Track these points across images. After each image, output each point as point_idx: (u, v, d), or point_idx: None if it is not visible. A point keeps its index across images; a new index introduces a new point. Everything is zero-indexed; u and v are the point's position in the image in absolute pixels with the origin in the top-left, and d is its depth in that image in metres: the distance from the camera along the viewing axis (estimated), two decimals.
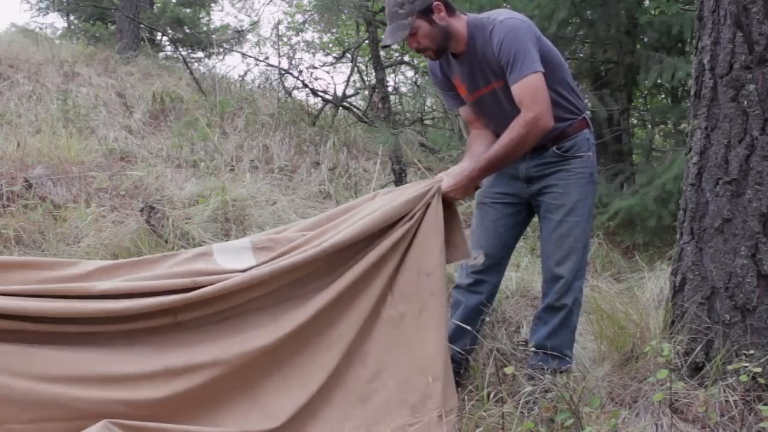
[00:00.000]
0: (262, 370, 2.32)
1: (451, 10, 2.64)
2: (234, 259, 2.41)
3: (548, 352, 2.66)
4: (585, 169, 2.73)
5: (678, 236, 2.69)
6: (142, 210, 4.10)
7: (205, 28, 12.09)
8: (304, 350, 2.37)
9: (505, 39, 2.55)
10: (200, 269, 2.35)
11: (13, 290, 2.13)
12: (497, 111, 2.73)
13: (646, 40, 5.78)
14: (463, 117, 2.93)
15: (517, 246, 3.04)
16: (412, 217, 2.50)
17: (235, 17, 20.04)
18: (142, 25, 9.74)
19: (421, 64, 9.24)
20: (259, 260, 2.40)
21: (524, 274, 3.88)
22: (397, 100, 9.05)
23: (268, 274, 2.33)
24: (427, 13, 2.57)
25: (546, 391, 2.41)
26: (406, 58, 9.28)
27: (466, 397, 2.34)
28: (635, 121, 6.80)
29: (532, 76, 2.53)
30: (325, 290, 2.41)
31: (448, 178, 2.62)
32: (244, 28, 11.29)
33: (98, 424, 2.02)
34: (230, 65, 28.43)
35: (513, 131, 2.56)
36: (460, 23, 2.65)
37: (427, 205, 2.53)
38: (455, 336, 2.73)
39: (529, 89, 2.54)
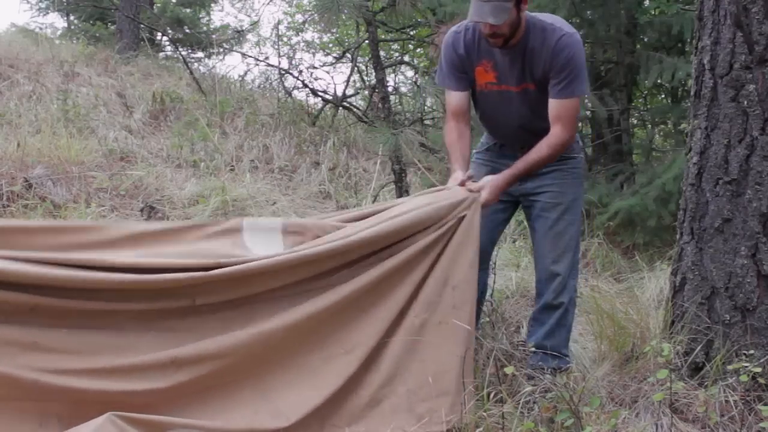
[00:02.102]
0: (275, 365, 2.31)
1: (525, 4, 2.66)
2: (262, 242, 2.39)
3: (548, 351, 2.67)
4: (578, 169, 2.81)
5: (678, 236, 2.69)
6: (142, 210, 4.10)
7: (205, 28, 12.09)
8: (319, 351, 2.36)
9: (574, 55, 2.61)
10: (226, 252, 2.32)
11: (33, 257, 2.11)
12: (508, 111, 2.75)
13: (646, 40, 5.77)
14: (453, 104, 2.82)
15: (517, 246, 3.05)
16: (443, 226, 2.49)
17: (235, 17, 20.03)
18: (142, 25, 9.74)
19: (421, 65, 9.23)
20: (287, 246, 2.38)
21: (524, 274, 3.88)
22: (397, 100, 9.04)
23: (294, 259, 2.31)
24: (519, 3, 2.58)
25: (546, 391, 2.41)
26: (406, 58, 9.28)
27: (466, 398, 2.33)
28: (635, 121, 6.79)
29: (577, 99, 2.67)
30: (345, 286, 2.38)
31: (485, 191, 2.61)
32: (244, 28, 11.29)
33: (102, 417, 2.02)
34: (230, 65, 28.43)
35: (549, 149, 2.65)
36: (524, 18, 2.66)
37: (462, 217, 2.51)
38: None
39: (572, 111, 2.65)
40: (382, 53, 6.53)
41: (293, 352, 2.34)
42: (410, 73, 10.09)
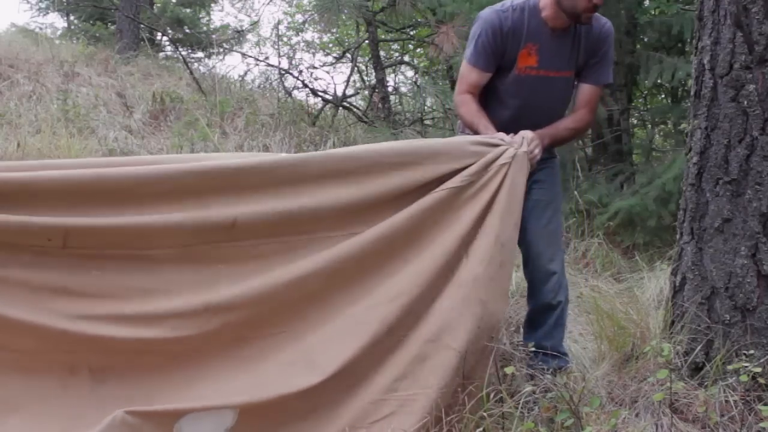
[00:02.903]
0: (315, 314, 2.26)
1: None
2: None
3: (548, 352, 2.66)
4: (558, 167, 2.87)
5: (678, 236, 2.69)
6: None
7: (205, 28, 12.11)
8: (362, 300, 2.29)
9: (613, 42, 2.69)
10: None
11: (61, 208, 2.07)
12: (542, 98, 2.70)
13: (646, 40, 5.77)
14: (473, 81, 2.72)
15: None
16: (484, 175, 2.41)
17: (235, 17, 20.03)
18: (142, 25, 9.75)
19: (421, 65, 9.24)
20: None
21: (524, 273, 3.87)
22: (397, 100, 9.04)
23: (319, 160, 2.28)
24: None
25: (546, 391, 2.41)
26: (406, 58, 9.29)
27: (466, 398, 2.33)
28: (635, 121, 6.79)
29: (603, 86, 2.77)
30: (387, 225, 2.33)
31: (531, 143, 2.52)
32: (244, 28, 11.31)
33: (114, 415, 1.99)
34: (230, 65, 28.43)
35: (581, 122, 2.74)
36: None
37: (506, 172, 2.43)
38: None
39: (598, 97, 2.78)
40: (382, 53, 6.55)
41: (335, 299, 2.27)
42: (410, 73, 10.10)
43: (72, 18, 12.52)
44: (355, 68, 8.48)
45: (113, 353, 2.10)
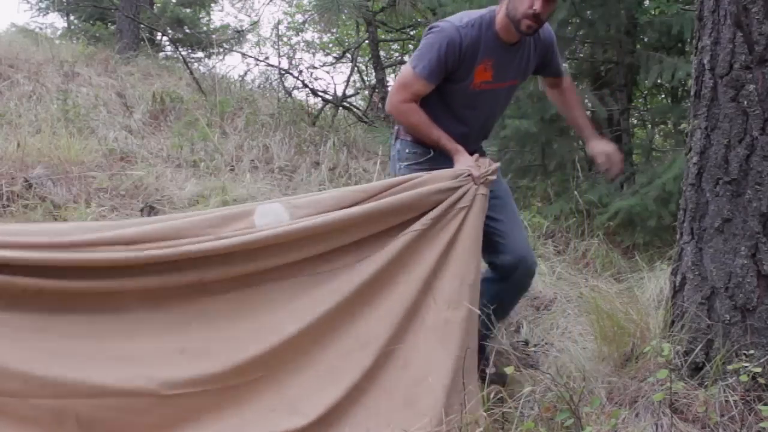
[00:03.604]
0: (289, 362, 2.29)
1: None
2: (270, 220, 2.37)
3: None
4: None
5: (678, 236, 2.69)
6: (142, 210, 4.10)
7: (205, 28, 12.10)
8: (335, 346, 2.34)
9: (555, 43, 2.93)
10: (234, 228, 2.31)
11: (35, 241, 2.09)
12: (489, 108, 2.84)
13: (646, 40, 5.77)
14: (420, 92, 2.71)
15: None
16: (446, 214, 2.48)
17: (235, 17, 20.04)
18: (142, 25, 9.75)
19: None
20: (294, 217, 2.37)
21: None
22: None
23: (298, 230, 2.31)
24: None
25: (546, 391, 2.41)
26: (406, 58, 9.27)
27: (466, 398, 2.33)
28: (635, 121, 6.78)
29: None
30: (351, 274, 2.38)
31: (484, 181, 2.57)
32: (244, 28, 11.31)
33: None
34: (230, 65, 28.44)
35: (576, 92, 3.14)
36: None
37: (465, 215, 2.50)
38: None
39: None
40: (382, 53, 6.54)
41: (307, 348, 2.31)
42: None
43: (72, 18, 12.51)
44: (355, 68, 8.49)
45: (101, 408, 2.09)
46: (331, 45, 11.36)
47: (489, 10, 2.74)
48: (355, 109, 8.09)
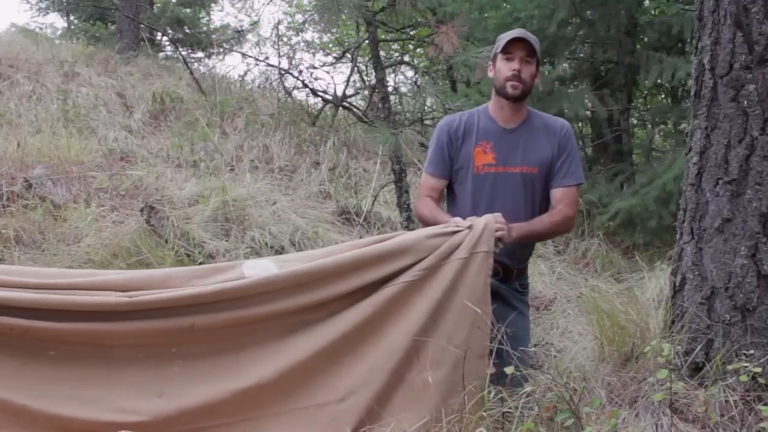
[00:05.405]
0: (267, 407, 2.27)
1: None
2: (258, 271, 2.37)
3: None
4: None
5: (678, 236, 2.69)
6: (142, 210, 4.10)
7: (205, 28, 12.11)
8: (312, 397, 2.31)
9: (574, 144, 2.80)
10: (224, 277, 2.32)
11: (29, 282, 2.10)
12: (508, 196, 2.75)
13: (646, 40, 5.78)
14: (430, 186, 2.84)
15: None
16: (440, 266, 2.40)
17: (235, 17, 19.99)
18: (142, 25, 9.75)
19: (421, 65, 9.23)
20: (281, 269, 2.36)
21: None
22: (397, 100, 9.05)
23: (285, 277, 2.29)
24: (538, 65, 2.78)
25: (546, 391, 2.41)
26: (406, 58, 9.28)
27: (466, 398, 2.33)
28: (635, 121, 6.79)
29: (578, 187, 2.83)
30: (339, 318, 2.36)
31: (488, 231, 2.49)
32: (244, 28, 11.28)
33: None
34: (230, 65, 28.47)
35: (558, 217, 2.74)
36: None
37: (459, 269, 2.41)
38: None
39: (576, 197, 2.83)
40: (382, 53, 6.51)
41: (286, 397, 2.29)
42: (410, 73, 10.11)
43: (72, 18, 12.52)
44: (355, 68, 8.48)
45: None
46: (331, 45, 11.37)
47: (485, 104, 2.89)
48: (355, 109, 8.08)
